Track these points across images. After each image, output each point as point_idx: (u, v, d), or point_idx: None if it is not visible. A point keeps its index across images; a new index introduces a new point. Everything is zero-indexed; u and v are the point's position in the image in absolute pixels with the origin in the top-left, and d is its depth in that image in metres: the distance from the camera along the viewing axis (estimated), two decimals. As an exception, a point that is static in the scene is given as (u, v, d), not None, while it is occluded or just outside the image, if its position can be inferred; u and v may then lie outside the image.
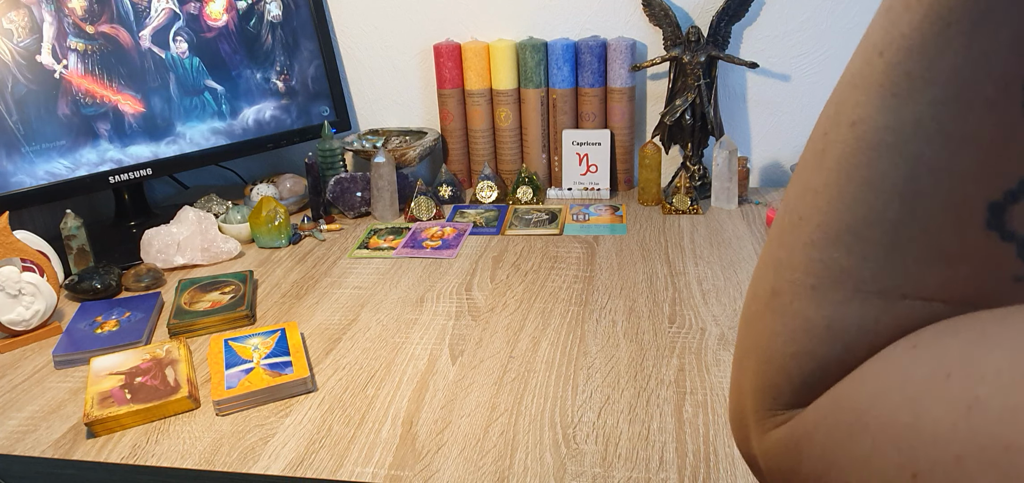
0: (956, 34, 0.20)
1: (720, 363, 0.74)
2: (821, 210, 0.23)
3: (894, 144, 0.22)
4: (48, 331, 0.88)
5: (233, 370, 0.74)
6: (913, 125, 0.21)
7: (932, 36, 0.21)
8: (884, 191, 0.22)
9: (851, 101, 0.23)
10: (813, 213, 0.24)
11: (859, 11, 1.20)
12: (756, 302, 0.26)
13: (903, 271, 0.22)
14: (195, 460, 0.64)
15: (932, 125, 0.21)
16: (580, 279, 0.95)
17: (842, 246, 0.23)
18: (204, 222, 1.09)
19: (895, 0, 0.22)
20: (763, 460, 0.25)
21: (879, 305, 0.22)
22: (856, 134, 0.23)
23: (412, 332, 0.84)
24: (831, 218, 0.23)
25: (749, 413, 0.26)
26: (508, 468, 0.61)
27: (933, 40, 0.21)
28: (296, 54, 1.30)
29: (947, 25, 0.20)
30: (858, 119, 0.23)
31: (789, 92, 1.27)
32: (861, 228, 0.22)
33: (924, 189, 0.21)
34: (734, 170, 1.17)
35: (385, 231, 1.16)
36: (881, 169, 0.22)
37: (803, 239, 0.24)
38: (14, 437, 0.69)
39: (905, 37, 0.21)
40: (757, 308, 0.26)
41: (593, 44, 1.23)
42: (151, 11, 1.14)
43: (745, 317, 0.27)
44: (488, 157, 1.35)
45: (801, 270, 0.24)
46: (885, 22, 0.22)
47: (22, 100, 1.03)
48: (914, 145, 0.21)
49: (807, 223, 0.24)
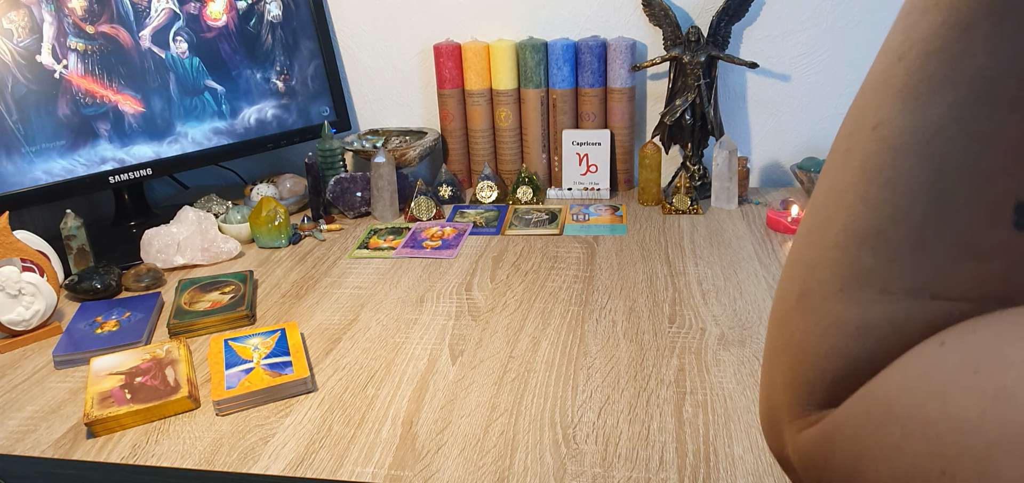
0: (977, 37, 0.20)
1: (720, 363, 0.74)
2: (846, 211, 0.23)
3: (917, 146, 0.22)
4: (48, 331, 0.88)
5: (233, 370, 0.74)
6: (936, 127, 0.21)
7: (952, 39, 0.21)
8: (909, 192, 0.22)
9: (873, 105, 0.23)
10: (839, 214, 0.24)
11: (859, 11, 1.20)
12: (785, 302, 0.26)
13: (931, 271, 0.22)
14: (195, 460, 0.64)
15: (955, 126, 0.21)
16: (580, 279, 0.95)
17: (868, 247, 0.23)
18: (204, 222, 1.09)
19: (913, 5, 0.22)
20: (797, 458, 0.25)
21: (909, 304, 0.22)
22: (879, 136, 0.23)
23: (412, 332, 0.84)
24: (857, 219, 0.23)
25: (783, 411, 0.26)
26: (508, 468, 0.61)
27: (954, 43, 0.21)
28: (296, 54, 1.30)
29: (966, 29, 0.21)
30: (880, 122, 0.23)
31: (789, 92, 1.27)
32: (887, 229, 0.22)
33: (949, 189, 0.21)
34: (734, 170, 1.17)
35: (385, 231, 1.16)
36: (905, 170, 0.22)
37: (830, 240, 0.24)
38: (14, 437, 0.69)
39: (925, 41, 0.22)
40: (786, 309, 0.26)
41: (593, 44, 1.23)
42: (151, 11, 1.14)
43: (775, 317, 0.27)
44: (488, 157, 1.35)
45: (829, 271, 0.24)
46: (904, 26, 0.23)
47: (22, 100, 1.03)
48: (937, 146, 0.21)
49: (833, 224, 0.24)
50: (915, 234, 0.22)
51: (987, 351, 0.19)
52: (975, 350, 0.19)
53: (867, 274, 0.23)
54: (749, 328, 0.81)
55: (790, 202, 1.11)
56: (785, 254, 1.00)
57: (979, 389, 0.18)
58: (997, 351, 0.19)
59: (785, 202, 1.12)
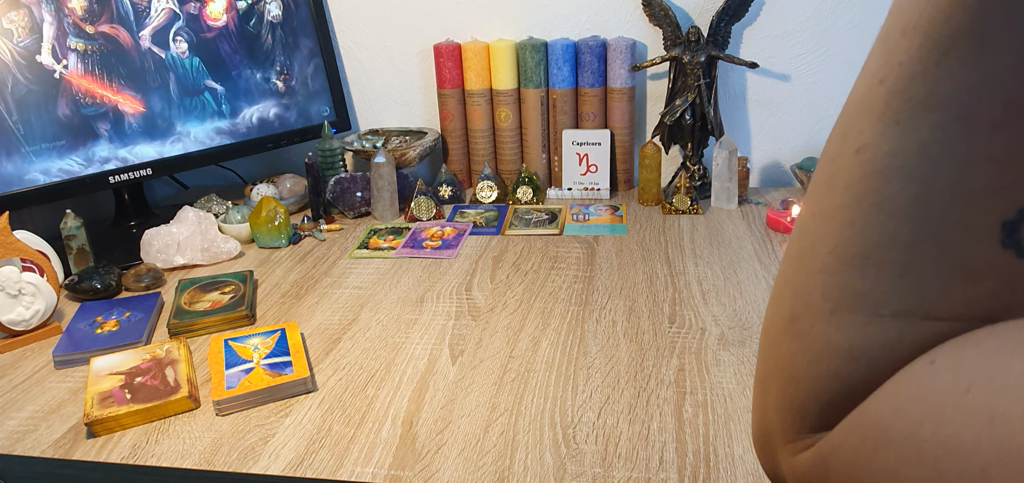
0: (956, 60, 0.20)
1: (720, 363, 0.74)
2: (834, 235, 0.23)
3: (901, 168, 0.22)
4: (48, 331, 0.88)
5: (233, 370, 0.74)
6: (918, 149, 0.21)
7: (932, 63, 0.21)
8: (895, 214, 0.22)
9: (856, 128, 0.23)
10: (826, 238, 0.24)
11: (859, 11, 1.20)
12: (775, 326, 0.26)
13: (920, 292, 0.22)
14: (195, 460, 0.64)
15: (938, 148, 0.21)
16: (580, 279, 0.95)
17: (856, 270, 0.23)
18: (204, 222, 1.09)
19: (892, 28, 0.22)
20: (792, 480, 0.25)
21: (899, 326, 0.22)
22: (862, 159, 0.23)
23: (412, 332, 0.84)
24: (844, 242, 0.23)
25: (776, 435, 0.26)
26: (508, 468, 0.61)
27: (933, 67, 0.21)
28: (296, 54, 1.30)
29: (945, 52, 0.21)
30: (863, 145, 0.23)
31: (789, 92, 1.27)
32: (874, 251, 0.22)
33: (935, 211, 0.21)
34: (734, 170, 1.17)
35: (385, 231, 1.16)
36: (890, 193, 0.22)
37: (818, 264, 0.24)
38: (14, 437, 0.69)
39: (904, 65, 0.22)
40: (776, 333, 0.26)
41: (593, 44, 1.23)
42: (151, 11, 1.14)
43: (766, 340, 0.27)
44: (488, 157, 1.35)
45: (818, 295, 0.24)
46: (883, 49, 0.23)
47: (22, 100, 1.03)
48: (921, 168, 0.21)
49: (821, 248, 0.24)
50: (903, 256, 0.22)
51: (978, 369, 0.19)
52: (966, 368, 0.19)
53: (857, 297, 0.23)
54: (749, 328, 0.81)
55: (790, 202, 1.11)
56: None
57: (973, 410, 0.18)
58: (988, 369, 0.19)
59: (785, 202, 1.12)
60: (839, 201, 0.23)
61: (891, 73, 0.22)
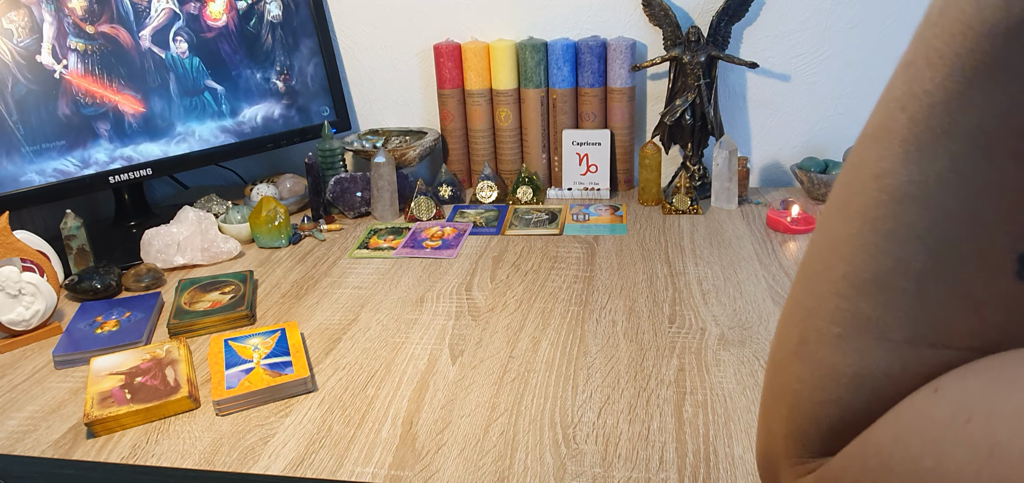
0: (978, 91, 0.20)
1: (720, 363, 0.74)
2: (846, 259, 0.24)
3: (919, 196, 0.22)
4: (48, 331, 0.88)
5: (233, 370, 0.74)
6: (937, 178, 0.21)
7: (955, 93, 0.21)
8: (909, 242, 0.22)
9: (874, 154, 0.23)
10: (839, 262, 0.24)
11: (859, 11, 1.20)
12: (783, 348, 0.26)
13: (930, 320, 0.22)
14: (195, 460, 0.64)
15: (956, 178, 0.21)
16: (580, 279, 0.95)
17: (867, 295, 0.23)
18: (204, 222, 1.09)
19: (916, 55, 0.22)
20: None
21: (906, 353, 0.22)
22: (880, 186, 0.23)
23: (412, 332, 0.84)
24: (856, 268, 0.23)
25: (780, 458, 0.26)
26: (508, 468, 0.61)
27: (957, 97, 0.21)
28: (296, 54, 1.30)
29: (970, 84, 0.21)
30: (882, 172, 0.23)
31: (789, 92, 1.27)
32: (886, 278, 0.22)
33: (950, 240, 0.21)
34: (734, 170, 1.17)
35: (385, 231, 1.16)
36: (906, 220, 0.22)
37: (829, 288, 0.24)
38: (14, 437, 0.69)
39: (928, 93, 0.22)
40: (784, 355, 0.26)
41: (593, 44, 1.23)
42: (151, 11, 1.14)
43: (773, 361, 0.27)
44: (488, 157, 1.35)
45: (827, 319, 0.24)
46: (907, 77, 0.23)
47: (22, 100, 1.03)
48: (939, 197, 0.21)
49: (833, 272, 0.24)
50: (916, 283, 0.22)
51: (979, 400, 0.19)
52: (967, 398, 0.20)
53: (866, 322, 0.23)
54: (749, 328, 0.81)
55: (790, 202, 1.11)
56: (785, 254, 1.00)
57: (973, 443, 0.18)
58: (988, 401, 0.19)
59: (785, 202, 1.12)
60: (854, 227, 0.23)
61: (914, 101, 0.22)
